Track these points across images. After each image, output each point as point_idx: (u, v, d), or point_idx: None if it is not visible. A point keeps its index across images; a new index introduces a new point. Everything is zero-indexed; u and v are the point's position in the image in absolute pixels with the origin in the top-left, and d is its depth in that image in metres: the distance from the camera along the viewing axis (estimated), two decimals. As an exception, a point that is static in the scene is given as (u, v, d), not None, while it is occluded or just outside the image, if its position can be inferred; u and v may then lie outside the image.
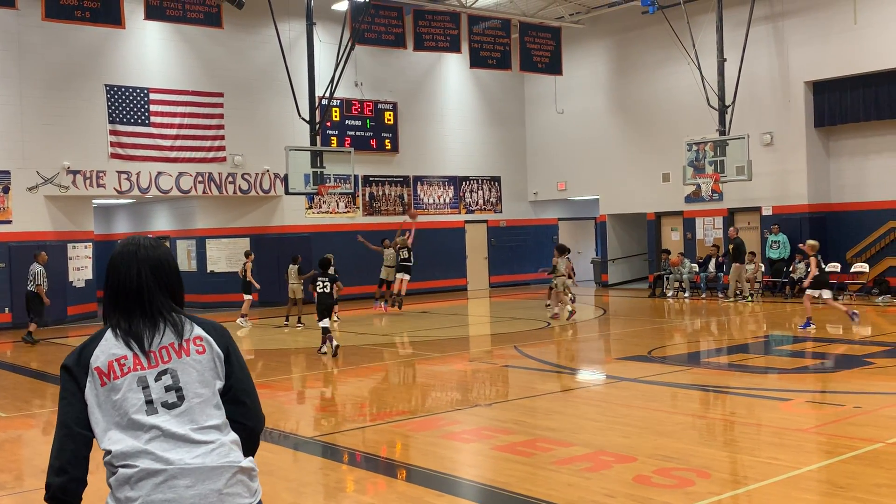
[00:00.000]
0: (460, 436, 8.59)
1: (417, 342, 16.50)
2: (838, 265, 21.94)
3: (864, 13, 21.41)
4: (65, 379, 2.65)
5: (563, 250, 19.55)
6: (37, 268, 18.09)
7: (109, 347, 2.64)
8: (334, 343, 14.28)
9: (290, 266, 19.63)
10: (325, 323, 14.36)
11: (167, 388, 2.61)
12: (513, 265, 29.95)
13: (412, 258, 21.38)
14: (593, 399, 10.52)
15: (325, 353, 14.40)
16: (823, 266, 16.73)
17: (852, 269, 21.85)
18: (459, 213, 28.82)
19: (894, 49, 20.86)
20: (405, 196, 27.43)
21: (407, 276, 21.18)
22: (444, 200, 28.43)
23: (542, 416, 9.39)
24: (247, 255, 19.91)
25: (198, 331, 2.72)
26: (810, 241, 16.41)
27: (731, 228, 22.87)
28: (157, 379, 2.61)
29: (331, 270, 14.66)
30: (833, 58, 22.08)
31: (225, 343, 2.77)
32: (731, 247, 22.03)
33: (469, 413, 9.74)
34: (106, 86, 21.92)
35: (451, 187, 28.59)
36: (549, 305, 20.56)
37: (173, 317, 2.72)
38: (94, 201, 23.74)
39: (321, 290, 14.45)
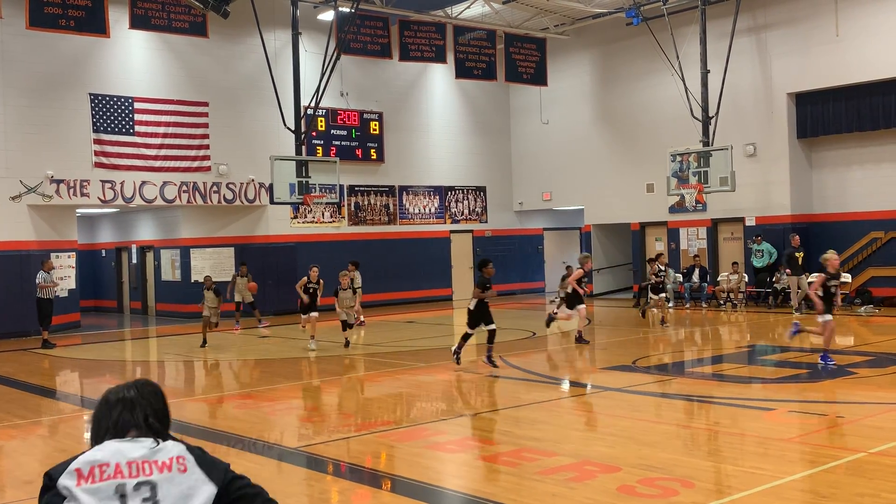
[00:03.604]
0: (445, 446, 8.58)
1: (402, 352, 16.46)
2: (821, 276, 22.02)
3: (845, 25, 21.62)
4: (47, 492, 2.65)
5: (357, 264, 20.90)
6: (40, 274, 18.67)
7: (93, 455, 2.63)
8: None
9: (238, 278, 20.84)
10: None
11: (144, 500, 2.58)
12: (498, 275, 29.79)
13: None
14: (578, 409, 10.54)
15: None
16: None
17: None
18: (445, 222, 28.83)
19: (876, 61, 21.07)
20: (390, 205, 27.43)
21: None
22: (430, 210, 28.45)
23: (527, 427, 9.39)
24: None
25: (180, 450, 2.70)
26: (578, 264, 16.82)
27: (796, 236, 21.56)
28: (136, 488, 2.59)
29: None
30: (815, 69, 22.26)
31: (221, 477, 2.73)
32: (798, 256, 21.21)
33: (454, 423, 9.74)
34: (90, 94, 21.84)
35: (437, 197, 28.62)
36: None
37: (159, 435, 2.74)
38: (77, 210, 23.63)
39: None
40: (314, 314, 16.76)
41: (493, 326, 13.23)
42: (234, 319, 20.72)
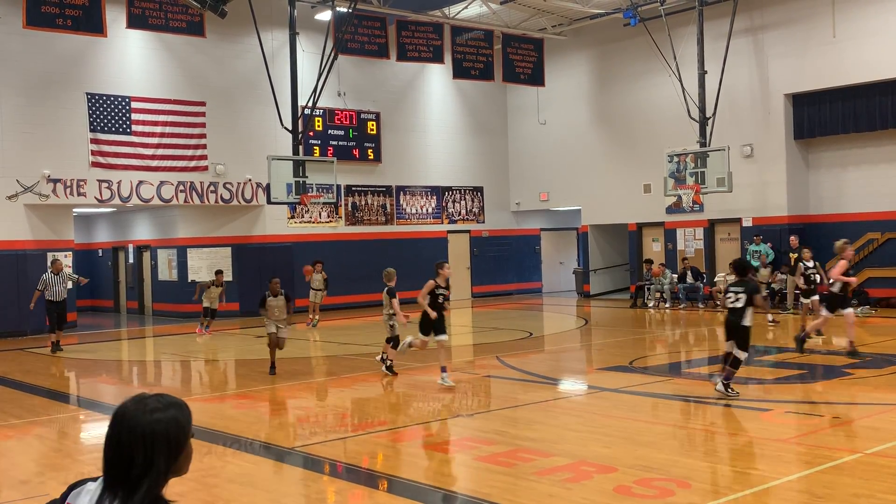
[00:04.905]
0: (442, 446, 8.59)
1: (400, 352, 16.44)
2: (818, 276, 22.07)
3: (842, 26, 21.64)
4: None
5: (316, 263, 21.00)
6: (42, 277, 17.83)
7: (78, 492, 2.41)
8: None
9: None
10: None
11: None
12: (495, 275, 29.98)
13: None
14: (575, 409, 10.54)
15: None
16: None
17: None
18: (442, 222, 28.83)
19: (872, 62, 21.10)
20: (388, 205, 27.43)
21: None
22: (427, 210, 28.45)
23: (524, 427, 9.40)
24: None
25: None
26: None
27: (794, 237, 20.92)
28: None
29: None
30: (812, 71, 22.29)
31: None
32: (793, 257, 21.01)
33: (451, 423, 9.74)
34: (87, 94, 21.81)
35: (434, 197, 28.62)
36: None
37: (117, 493, 2.29)
38: (74, 210, 23.59)
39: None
40: (444, 337, 11.98)
41: (745, 354, 10.41)
42: (199, 323, 20.49)
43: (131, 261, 28.06)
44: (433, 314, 11.75)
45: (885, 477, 6.88)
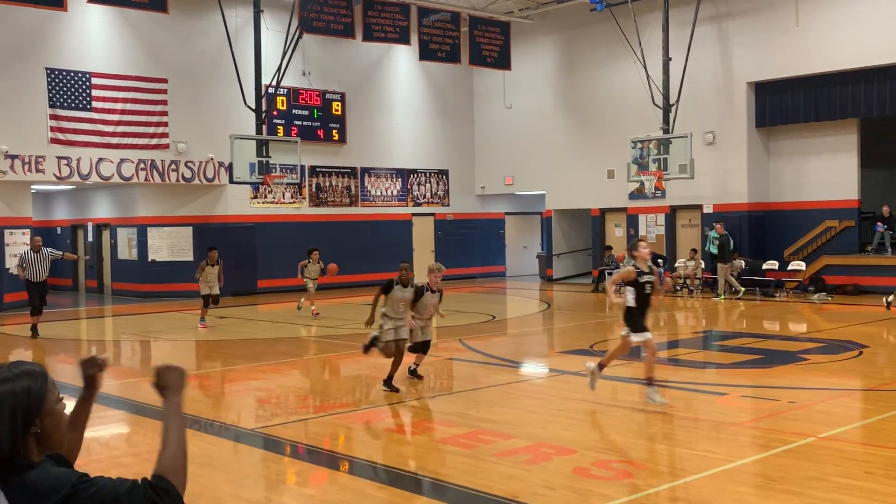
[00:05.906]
0: (403, 428, 8.61)
1: (361, 334, 16.44)
2: (776, 263, 22.43)
3: (805, 16, 21.87)
4: None
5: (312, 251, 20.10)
6: (22, 255, 16.93)
7: None
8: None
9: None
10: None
11: None
12: (459, 259, 30.00)
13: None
14: (536, 392, 10.62)
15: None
16: None
17: (789, 267, 22.34)
18: (407, 205, 28.78)
19: (835, 52, 21.36)
20: (352, 187, 27.30)
21: None
22: (392, 193, 28.37)
23: (485, 409, 9.45)
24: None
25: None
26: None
27: (718, 224, 22.15)
28: None
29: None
30: (775, 59, 22.52)
31: None
32: (717, 244, 21.88)
33: (412, 405, 9.77)
34: (46, 69, 21.40)
35: (399, 180, 28.53)
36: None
37: None
38: (32, 187, 23.20)
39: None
40: (648, 336, 9.47)
41: None
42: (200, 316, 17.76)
43: (90, 239, 27.69)
44: (617, 300, 9.62)
45: (837, 460, 7.02)
